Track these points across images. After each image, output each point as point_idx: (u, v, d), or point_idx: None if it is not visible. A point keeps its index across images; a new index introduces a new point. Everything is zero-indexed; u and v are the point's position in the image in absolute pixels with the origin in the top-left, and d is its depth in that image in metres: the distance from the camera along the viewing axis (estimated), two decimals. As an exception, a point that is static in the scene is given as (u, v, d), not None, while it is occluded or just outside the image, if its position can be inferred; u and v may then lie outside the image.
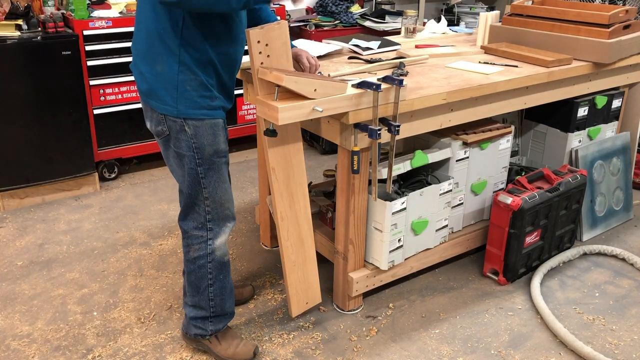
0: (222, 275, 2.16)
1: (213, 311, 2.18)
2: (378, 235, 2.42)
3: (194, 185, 2.02)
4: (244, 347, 2.23)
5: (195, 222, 2.08)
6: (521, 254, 2.69)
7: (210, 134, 1.97)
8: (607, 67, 2.85)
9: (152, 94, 1.93)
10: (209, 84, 1.93)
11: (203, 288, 2.14)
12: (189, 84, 1.89)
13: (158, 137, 2.04)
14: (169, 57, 1.86)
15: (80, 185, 3.62)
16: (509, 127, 2.74)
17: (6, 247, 3.04)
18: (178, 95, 1.89)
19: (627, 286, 2.75)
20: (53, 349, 2.30)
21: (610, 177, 3.22)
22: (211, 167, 2.01)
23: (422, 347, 2.33)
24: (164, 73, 1.88)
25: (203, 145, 1.96)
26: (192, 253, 2.11)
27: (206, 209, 2.05)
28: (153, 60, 1.89)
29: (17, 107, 3.25)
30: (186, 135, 1.95)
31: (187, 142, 1.96)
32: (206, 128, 1.95)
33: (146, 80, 1.93)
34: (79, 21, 3.41)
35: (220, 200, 2.06)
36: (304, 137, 2.88)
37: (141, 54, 1.93)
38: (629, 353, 2.31)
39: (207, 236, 2.08)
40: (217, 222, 2.08)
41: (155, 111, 1.95)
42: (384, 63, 2.59)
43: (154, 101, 1.94)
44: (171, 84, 1.89)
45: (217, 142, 1.99)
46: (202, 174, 2.00)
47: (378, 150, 2.17)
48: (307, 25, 4.35)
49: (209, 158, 1.99)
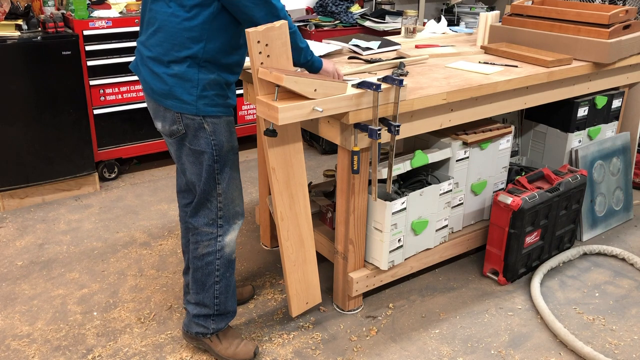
0: (229, 273, 2.19)
1: (217, 309, 2.19)
2: (378, 235, 2.42)
3: (210, 182, 2.06)
4: (244, 347, 2.24)
5: (207, 219, 2.11)
6: (521, 254, 2.69)
7: (227, 131, 2.04)
8: (607, 67, 2.85)
9: (168, 95, 1.95)
10: (226, 84, 2.00)
11: (209, 285, 2.16)
12: (208, 84, 1.95)
13: (172, 137, 2.06)
14: (191, 58, 1.91)
15: (80, 185, 3.62)
16: (509, 127, 2.74)
17: (6, 247, 3.04)
18: (198, 94, 1.94)
19: (627, 286, 2.75)
20: (53, 349, 2.30)
21: (610, 177, 3.22)
22: (226, 164, 2.07)
23: (422, 347, 2.33)
24: (184, 73, 1.92)
25: (222, 142, 2.02)
26: (201, 250, 2.14)
27: (218, 205, 2.09)
28: (171, 61, 1.92)
29: (17, 107, 3.25)
30: (205, 133, 2.00)
31: (207, 139, 2.00)
32: (223, 125, 2.02)
33: (163, 81, 1.95)
34: (79, 21, 3.41)
35: (232, 197, 2.12)
36: (304, 137, 2.88)
37: (157, 55, 1.94)
38: (629, 353, 2.31)
39: (217, 232, 2.12)
40: (227, 219, 2.13)
41: (169, 110, 1.97)
42: (384, 63, 2.59)
43: (170, 101, 1.96)
44: (191, 84, 1.94)
45: (233, 138, 2.08)
46: (218, 170, 2.05)
47: (378, 150, 2.17)
48: (307, 25, 4.35)
49: (226, 154, 2.05)
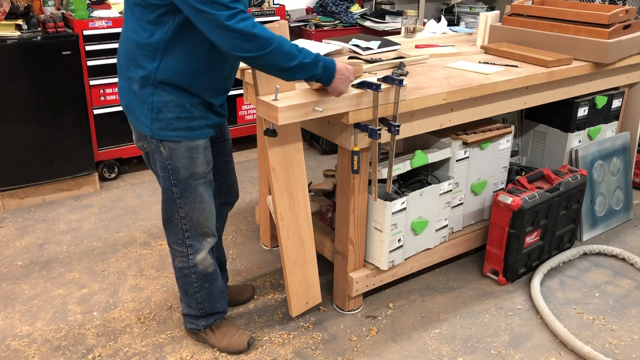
0: (208, 284, 2.17)
1: (202, 312, 2.22)
2: (378, 235, 2.42)
3: (170, 203, 1.99)
4: (238, 338, 2.26)
5: (175, 237, 2.07)
6: (521, 254, 2.69)
7: (186, 157, 1.89)
8: (607, 67, 2.85)
9: (129, 110, 1.90)
10: (190, 104, 1.85)
11: (191, 293, 2.18)
12: (164, 106, 1.82)
13: (142, 151, 2.05)
14: (144, 79, 1.80)
15: (80, 185, 3.62)
16: (509, 127, 2.74)
17: (6, 247, 3.04)
18: (153, 116, 1.83)
19: (627, 286, 2.75)
20: (53, 349, 2.30)
21: (610, 177, 3.22)
22: (187, 189, 1.95)
23: (422, 347, 2.33)
24: (139, 92, 1.83)
25: (178, 167, 1.91)
26: (177, 263, 2.14)
27: (183, 227, 2.03)
28: (130, 77, 1.85)
29: (17, 107, 3.25)
30: (161, 156, 1.90)
31: (162, 163, 1.92)
32: (182, 151, 1.88)
33: (124, 95, 1.90)
34: (79, 21, 3.41)
35: (198, 220, 2.02)
36: (304, 137, 2.88)
37: (122, 68, 1.90)
38: (629, 353, 2.31)
39: (188, 252, 2.09)
40: (195, 239, 2.07)
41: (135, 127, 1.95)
42: (384, 63, 2.59)
43: (133, 118, 1.91)
44: (146, 105, 1.83)
45: (194, 164, 1.92)
46: (177, 194, 1.96)
47: (378, 150, 2.16)
48: (307, 25, 4.35)
49: (185, 180, 1.93)
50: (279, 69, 1.74)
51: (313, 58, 1.77)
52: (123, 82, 1.91)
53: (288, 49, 1.71)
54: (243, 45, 1.65)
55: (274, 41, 1.68)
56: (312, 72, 1.79)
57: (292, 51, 1.72)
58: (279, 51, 1.69)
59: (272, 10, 4.05)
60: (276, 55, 1.69)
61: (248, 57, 1.69)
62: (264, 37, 1.66)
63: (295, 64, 1.73)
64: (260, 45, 1.66)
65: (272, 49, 1.68)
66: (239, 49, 1.66)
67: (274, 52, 1.68)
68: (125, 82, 1.89)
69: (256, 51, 1.67)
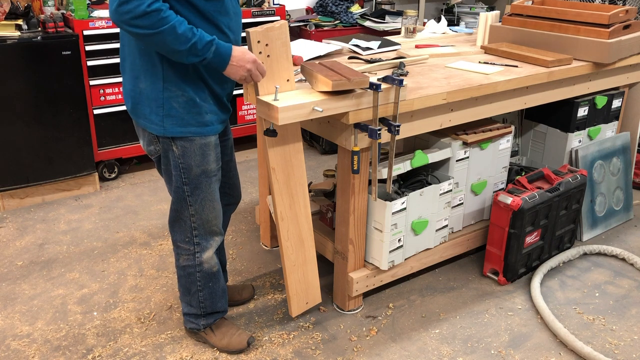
0: (212, 283, 2.19)
1: (204, 311, 2.23)
2: (378, 235, 2.42)
3: (181, 202, 2.01)
4: (237, 337, 2.27)
5: (183, 235, 2.09)
6: (521, 254, 2.69)
7: (199, 155, 1.92)
8: (607, 67, 2.85)
9: (139, 113, 1.90)
10: (200, 99, 1.86)
11: (193, 292, 2.19)
12: (175, 101, 1.83)
13: (151, 156, 2.03)
14: (153, 74, 1.81)
15: (80, 185, 3.62)
16: (509, 127, 2.74)
17: (6, 247, 3.04)
18: (164, 113, 1.84)
19: (627, 286, 2.75)
20: (53, 349, 2.30)
21: (610, 177, 3.22)
22: (198, 187, 1.98)
23: (422, 347, 2.33)
24: (148, 90, 1.83)
25: (190, 165, 1.93)
26: (182, 262, 2.14)
27: (192, 225, 2.05)
28: (136, 77, 1.84)
29: (17, 107, 3.25)
30: (173, 155, 1.92)
31: (175, 162, 1.93)
32: (195, 149, 1.91)
33: (132, 97, 1.89)
34: (79, 21, 3.41)
35: (207, 218, 2.05)
36: (304, 137, 2.87)
37: (126, 70, 1.89)
38: (629, 353, 2.31)
39: (195, 249, 2.10)
40: (203, 237, 2.09)
41: (146, 130, 1.93)
42: (384, 63, 2.59)
43: (142, 120, 1.91)
44: (156, 102, 1.83)
45: (206, 162, 1.94)
46: (188, 192, 1.98)
47: (378, 150, 2.16)
48: (307, 25, 4.35)
49: (196, 178, 1.96)
50: (172, 51, 1.71)
51: (205, 43, 1.74)
52: (128, 84, 1.90)
53: (182, 31, 1.69)
54: (135, 21, 1.64)
55: (168, 22, 1.67)
56: (202, 56, 1.75)
57: (186, 34, 1.70)
58: (172, 32, 1.67)
59: (272, 10, 4.05)
60: (168, 35, 1.67)
61: (140, 35, 1.67)
62: (158, 16, 1.65)
63: (187, 47, 1.71)
64: (152, 23, 1.65)
65: (165, 29, 1.66)
66: (132, 24, 1.65)
67: (166, 32, 1.66)
68: (130, 84, 1.89)
69: (148, 29, 1.65)
